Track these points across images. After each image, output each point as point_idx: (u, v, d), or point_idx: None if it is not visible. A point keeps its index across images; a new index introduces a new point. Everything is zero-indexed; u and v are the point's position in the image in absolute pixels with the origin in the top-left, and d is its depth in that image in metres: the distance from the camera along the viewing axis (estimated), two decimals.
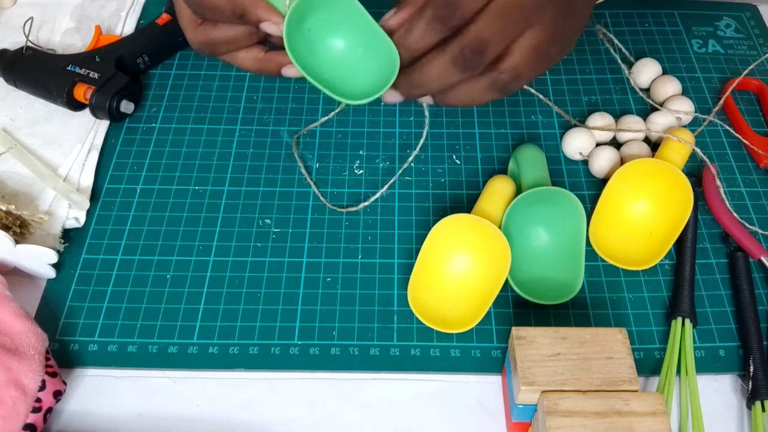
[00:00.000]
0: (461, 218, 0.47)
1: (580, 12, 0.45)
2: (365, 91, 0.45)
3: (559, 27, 0.43)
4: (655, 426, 0.37)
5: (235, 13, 0.44)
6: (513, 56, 0.42)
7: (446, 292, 0.48)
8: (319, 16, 0.45)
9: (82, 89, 0.56)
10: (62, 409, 0.44)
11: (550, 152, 0.56)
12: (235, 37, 0.46)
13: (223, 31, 0.46)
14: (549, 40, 0.43)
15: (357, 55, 0.46)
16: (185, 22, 0.48)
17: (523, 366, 0.39)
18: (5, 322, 0.43)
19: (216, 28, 0.46)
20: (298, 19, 0.44)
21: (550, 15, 0.42)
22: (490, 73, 0.43)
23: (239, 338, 0.47)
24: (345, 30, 0.46)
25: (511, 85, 0.44)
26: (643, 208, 0.51)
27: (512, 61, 0.43)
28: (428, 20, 0.42)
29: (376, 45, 0.44)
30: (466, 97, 0.45)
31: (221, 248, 0.51)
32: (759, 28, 0.66)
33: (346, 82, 0.46)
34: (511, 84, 0.44)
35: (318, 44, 0.46)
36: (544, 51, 0.43)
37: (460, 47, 0.42)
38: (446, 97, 0.46)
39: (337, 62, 0.47)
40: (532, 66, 0.43)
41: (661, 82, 0.59)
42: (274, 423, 0.44)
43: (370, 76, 0.46)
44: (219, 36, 0.47)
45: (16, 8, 0.67)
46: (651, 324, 0.48)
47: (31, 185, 0.53)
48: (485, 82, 0.44)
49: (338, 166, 0.56)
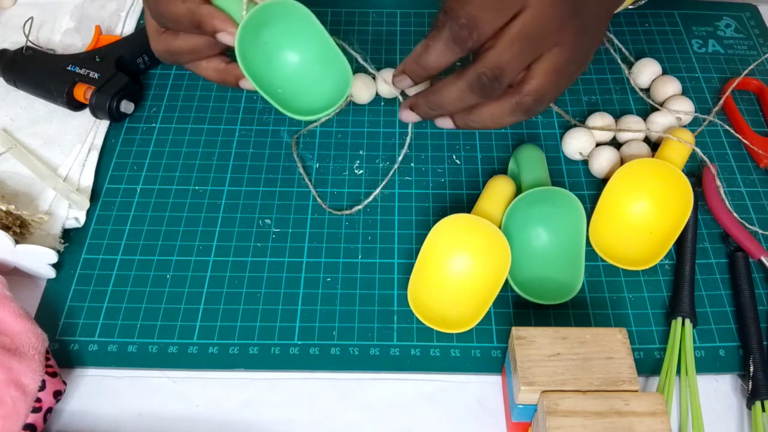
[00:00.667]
0: (461, 218, 0.47)
1: (597, 29, 0.45)
2: (320, 107, 0.46)
3: (577, 46, 0.43)
4: (655, 426, 0.37)
5: (193, 23, 0.45)
6: (535, 78, 0.43)
7: (446, 292, 0.48)
8: (277, 29, 0.45)
9: (82, 89, 0.56)
10: (62, 409, 0.44)
11: (550, 152, 0.56)
12: (196, 47, 0.47)
13: (183, 41, 0.47)
14: (568, 60, 0.43)
15: (314, 70, 0.47)
16: (150, 31, 0.49)
17: (523, 366, 0.39)
18: (5, 322, 0.43)
19: (177, 38, 0.47)
20: (255, 31, 0.45)
21: (568, 36, 0.42)
22: (513, 96, 0.43)
23: (239, 338, 0.47)
24: (301, 44, 0.46)
25: (535, 107, 0.44)
26: (643, 208, 0.51)
27: (535, 84, 0.43)
28: (445, 41, 0.42)
29: (332, 62, 0.45)
30: (490, 120, 0.45)
31: (221, 248, 0.51)
32: (759, 28, 0.66)
33: (301, 97, 0.47)
34: (535, 106, 0.44)
35: (275, 58, 0.47)
36: (565, 71, 0.43)
37: (477, 73, 0.42)
38: (468, 120, 0.46)
39: (294, 77, 0.47)
40: (553, 86, 0.43)
41: (661, 82, 0.59)
42: (274, 423, 0.44)
43: (326, 93, 0.46)
44: (180, 45, 0.47)
45: (16, 8, 0.67)
46: (651, 324, 0.48)
47: (31, 185, 0.53)
48: (509, 105, 0.44)
49: (338, 166, 0.56)
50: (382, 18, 0.66)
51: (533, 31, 0.41)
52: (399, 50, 0.63)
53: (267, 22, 0.45)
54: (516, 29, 0.41)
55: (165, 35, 0.48)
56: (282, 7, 0.45)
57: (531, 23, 0.41)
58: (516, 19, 0.41)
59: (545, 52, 0.42)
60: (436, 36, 0.42)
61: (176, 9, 0.45)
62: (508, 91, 0.43)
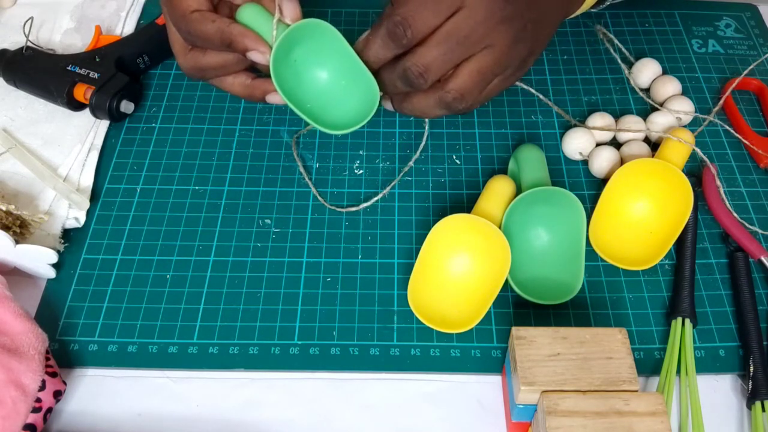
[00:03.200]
0: (461, 218, 0.47)
1: (537, 36, 0.47)
2: (347, 121, 0.48)
3: (510, 51, 0.45)
4: (655, 426, 0.37)
5: (224, 42, 0.46)
6: (457, 78, 0.45)
7: (446, 292, 0.48)
8: (306, 47, 0.47)
9: (82, 89, 0.56)
10: (62, 409, 0.44)
11: (550, 152, 0.56)
12: (224, 63, 0.48)
13: (212, 58, 0.48)
14: (496, 63, 0.45)
15: (340, 86, 0.49)
16: (176, 48, 0.50)
17: (523, 366, 0.39)
18: (5, 322, 0.43)
19: (206, 55, 0.48)
20: (285, 50, 0.46)
21: (500, 40, 0.44)
22: (437, 92, 0.46)
23: (239, 338, 0.47)
24: (329, 62, 0.48)
25: (456, 104, 0.46)
26: (643, 208, 0.51)
27: (456, 83, 0.45)
28: (382, 37, 0.44)
29: (359, 78, 0.47)
30: (418, 109, 0.48)
31: (221, 248, 0.51)
32: (759, 28, 0.66)
33: (329, 111, 0.48)
34: (455, 103, 0.46)
35: (304, 74, 0.48)
36: (490, 73, 0.45)
37: (404, 66, 0.44)
38: (402, 105, 0.49)
39: (322, 92, 0.49)
40: (476, 87, 0.45)
41: (661, 82, 0.59)
42: (274, 423, 0.44)
43: (352, 107, 0.48)
44: (208, 62, 0.48)
45: (16, 8, 0.67)
46: (651, 324, 0.48)
47: (31, 185, 0.53)
48: (433, 99, 0.46)
49: (338, 166, 0.56)
50: None
51: (463, 32, 0.43)
52: None
53: (297, 40, 0.47)
54: (446, 29, 0.43)
55: (193, 53, 0.49)
56: (311, 27, 0.46)
57: (462, 24, 0.43)
58: (449, 20, 0.43)
59: (475, 54, 0.44)
60: (375, 32, 0.45)
61: (206, 28, 0.46)
62: (435, 85, 0.46)
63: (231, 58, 0.48)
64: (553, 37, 0.64)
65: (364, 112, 0.47)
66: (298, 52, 0.48)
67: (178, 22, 0.47)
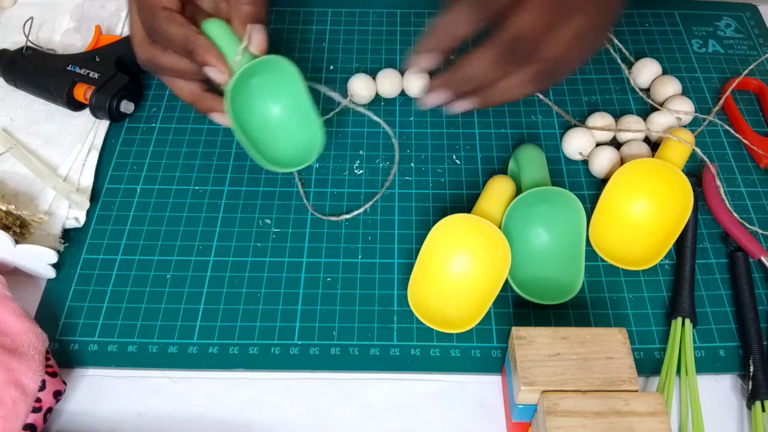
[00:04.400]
0: (461, 218, 0.47)
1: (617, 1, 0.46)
2: (288, 159, 0.48)
3: (598, 14, 0.44)
4: (655, 426, 0.37)
5: (186, 50, 0.46)
6: (557, 45, 0.42)
7: (446, 292, 0.48)
8: (264, 79, 0.48)
9: (82, 89, 0.56)
10: (62, 409, 0.44)
11: (550, 152, 0.56)
12: (180, 68, 0.48)
13: (170, 59, 0.48)
14: (590, 26, 0.43)
15: (290, 123, 0.50)
16: (137, 37, 0.49)
17: (523, 366, 0.39)
18: (5, 322, 0.43)
19: (165, 54, 0.48)
20: (244, 77, 0.47)
21: (590, 3, 0.43)
22: (538, 64, 0.43)
23: (239, 338, 0.47)
24: (284, 98, 0.49)
25: (558, 72, 0.44)
26: (643, 208, 0.51)
27: (557, 49, 0.43)
28: (468, 4, 0.41)
29: (307, 118, 0.48)
30: (508, 91, 0.45)
31: (221, 248, 0.51)
32: (759, 28, 0.66)
33: (273, 145, 0.49)
34: (558, 72, 0.44)
35: (256, 104, 0.49)
36: (587, 37, 0.44)
37: (507, 40, 0.41)
38: (493, 95, 0.45)
39: (270, 125, 0.50)
40: (577, 52, 0.44)
41: (661, 82, 0.59)
42: (274, 423, 0.44)
43: (297, 146, 0.49)
44: (165, 62, 0.48)
45: (16, 8, 0.67)
46: (651, 324, 0.48)
47: (31, 185, 0.53)
48: (532, 72, 0.43)
49: (338, 166, 0.56)
50: (382, 18, 0.66)
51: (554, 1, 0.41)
52: (399, 50, 0.63)
53: (256, 71, 0.48)
54: None
55: (152, 47, 0.49)
56: (273, 62, 0.48)
57: None
58: None
59: (568, 19, 0.42)
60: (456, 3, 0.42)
61: (172, 30, 0.46)
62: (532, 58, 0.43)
63: (188, 65, 0.48)
64: None
65: (307, 153, 0.49)
66: (255, 82, 0.49)
67: (145, 16, 0.47)
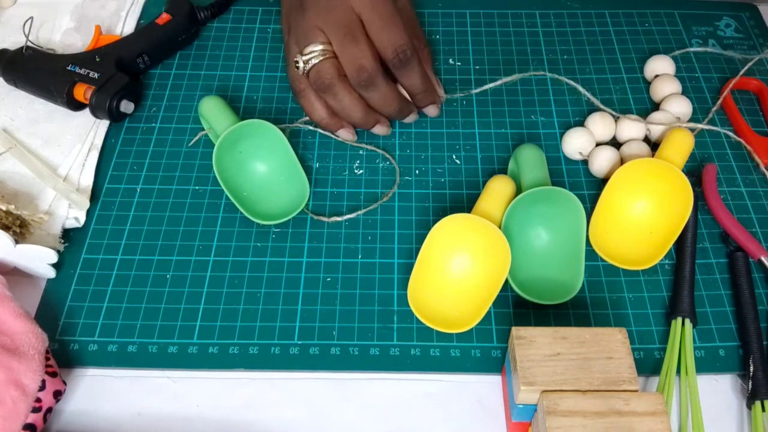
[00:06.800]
0: (461, 218, 0.47)
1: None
2: (280, 212, 0.51)
3: None
4: (655, 426, 0.37)
5: None
6: (387, 37, 0.51)
7: (446, 292, 0.48)
8: (251, 142, 0.52)
9: (82, 89, 0.56)
10: (62, 409, 0.44)
11: (550, 152, 0.56)
12: None
13: None
14: None
15: (278, 181, 0.53)
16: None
17: (523, 366, 0.39)
18: (5, 322, 0.43)
19: None
20: (232, 141, 0.52)
21: None
22: (414, 57, 0.53)
23: (239, 338, 0.47)
24: (270, 158, 0.53)
25: (406, 51, 0.52)
26: (643, 208, 0.51)
27: (391, 39, 0.51)
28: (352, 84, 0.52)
29: (294, 176, 0.52)
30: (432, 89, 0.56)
31: (221, 248, 0.51)
32: (759, 28, 0.66)
33: (264, 202, 0.52)
34: (406, 50, 0.52)
35: (246, 165, 0.53)
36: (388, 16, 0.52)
37: (391, 55, 0.51)
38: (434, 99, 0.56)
39: (260, 184, 0.53)
40: (397, 29, 0.52)
41: (661, 82, 0.59)
42: (274, 423, 0.44)
43: (287, 200, 0.52)
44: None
45: (16, 8, 0.67)
46: (651, 324, 0.48)
47: (31, 185, 0.53)
48: (416, 70, 0.53)
49: (338, 166, 0.56)
50: None
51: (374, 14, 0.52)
52: None
53: (244, 135, 0.52)
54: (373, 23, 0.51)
55: None
56: (258, 126, 0.52)
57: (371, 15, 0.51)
58: None
59: None
60: None
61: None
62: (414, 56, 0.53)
63: None
64: (553, 37, 0.65)
65: (295, 206, 0.51)
66: (244, 145, 0.52)
67: None
